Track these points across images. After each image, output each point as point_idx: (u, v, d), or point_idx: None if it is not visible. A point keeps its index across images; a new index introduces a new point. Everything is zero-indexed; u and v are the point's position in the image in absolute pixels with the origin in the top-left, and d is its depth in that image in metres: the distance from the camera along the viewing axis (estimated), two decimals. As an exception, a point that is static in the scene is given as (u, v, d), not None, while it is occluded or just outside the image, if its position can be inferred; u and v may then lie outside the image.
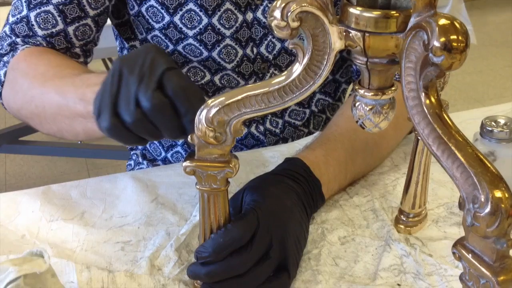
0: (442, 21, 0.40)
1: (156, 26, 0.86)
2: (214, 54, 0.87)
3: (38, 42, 0.83)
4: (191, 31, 0.85)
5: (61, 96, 0.70)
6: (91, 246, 0.68)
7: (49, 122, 0.74)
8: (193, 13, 0.84)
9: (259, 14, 0.86)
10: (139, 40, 0.92)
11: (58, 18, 0.82)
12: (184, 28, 0.85)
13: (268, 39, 0.89)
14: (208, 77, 0.90)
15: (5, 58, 0.84)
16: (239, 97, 0.51)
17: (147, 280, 0.63)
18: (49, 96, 0.72)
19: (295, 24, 0.45)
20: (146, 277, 0.63)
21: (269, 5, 0.86)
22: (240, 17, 0.85)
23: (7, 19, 0.85)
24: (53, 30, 0.82)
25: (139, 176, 0.81)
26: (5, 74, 0.84)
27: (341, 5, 0.46)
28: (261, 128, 0.96)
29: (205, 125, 0.51)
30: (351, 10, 0.45)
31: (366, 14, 0.44)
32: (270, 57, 0.90)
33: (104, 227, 0.71)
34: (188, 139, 0.54)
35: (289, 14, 0.45)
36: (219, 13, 0.84)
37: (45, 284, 0.53)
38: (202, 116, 0.51)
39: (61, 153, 2.30)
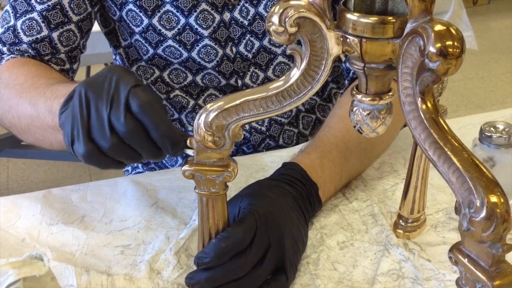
0: (438, 27, 0.40)
1: (136, 30, 0.87)
2: (194, 54, 0.88)
3: (23, 49, 0.84)
4: (170, 32, 0.86)
5: (33, 107, 0.71)
6: (90, 250, 0.68)
7: (25, 132, 0.76)
8: (171, 14, 0.85)
9: (236, 13, 0.87)
10: (122, 47, 0.94)
11: (42, 25, 0.83)
12: (163, 30, 0.86)
13: (247, 38, 0.89)
14: (190, 77, 0.92)
15: None
16: (238, 102, 0.51)
17: (146, 284, 0.63)
18: (24, 107, 0.73)
19: (293, 30, 0.46)
20: (145, 280, 0.63)
21: (245, 5, 0.87)
22: (217, 17, 0.86)
23: None
24: (38, 36, 0.84)
25: (139, 180, 0.82)
26: None
27: (339, 11, 0.47)
28: (246, 126, 0.96)
29: (204, 129, 0.52)
30: (348, 16, 0.45)
31: (363, 20, 0.45)
32: (250, 56, 0.91)
33: (104, 231, 0.72)
34: (187, 143, 0.54)
35: (287, 19, 0.45)
36: (195, 14, 0.85)
37: (44, 287, 0.53)
38: (201, 120, 0.52)
39: (63, 158, 2.30)
